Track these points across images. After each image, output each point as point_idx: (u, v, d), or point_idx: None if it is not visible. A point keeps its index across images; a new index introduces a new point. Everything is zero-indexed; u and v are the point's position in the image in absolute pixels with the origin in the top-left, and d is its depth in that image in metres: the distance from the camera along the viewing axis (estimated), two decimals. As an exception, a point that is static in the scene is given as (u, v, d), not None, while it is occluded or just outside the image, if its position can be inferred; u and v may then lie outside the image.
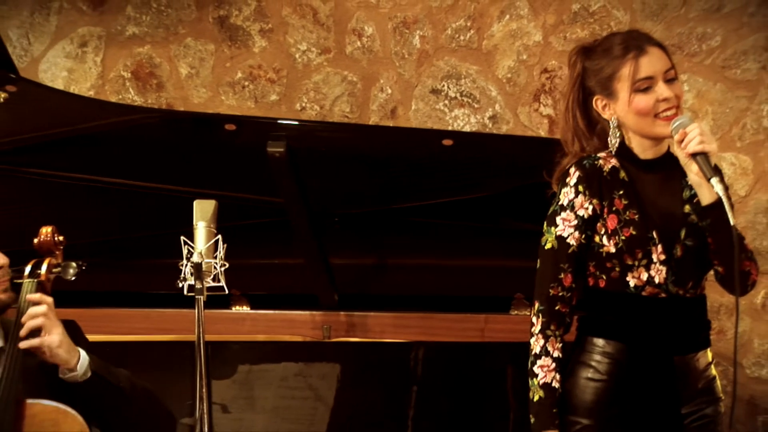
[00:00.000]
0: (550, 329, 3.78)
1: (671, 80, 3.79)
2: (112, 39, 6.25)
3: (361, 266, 5.33)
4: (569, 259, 3.78)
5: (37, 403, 3.60)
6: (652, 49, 3.81)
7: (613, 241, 3.77)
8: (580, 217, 3.80)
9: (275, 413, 4.80)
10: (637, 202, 3.78)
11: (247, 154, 4.88)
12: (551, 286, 3.79)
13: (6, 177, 5.19)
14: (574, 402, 3.85)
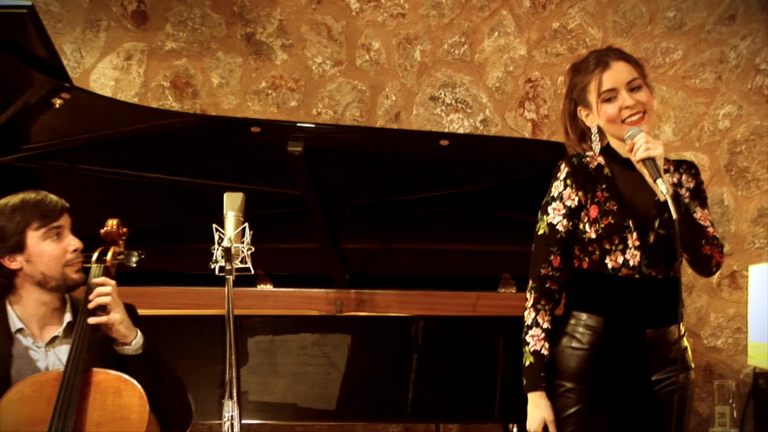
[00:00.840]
0: (540, 304, 3.83)
1: (635, 89, 3.80)
2: (154, 53, 6.26)
3: (369, 250, 5.34)
4: (558, 243, 3.82)
5: (102, 371, 3.59)
6: (616, 64, 3.83)
7: (594, 228, 3.79)
8: (568, 207, 3.83)
9: (294, 378, 4.80)
10: (617, 195, 3.80)
11: (270, 153, 4.90)
12: (542, 266, 3.84)
13: (61, 173, 5.21)
14: (559, 368, 3.87)
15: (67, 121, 5.01)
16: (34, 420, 3.46)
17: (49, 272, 3.64)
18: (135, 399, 3.54)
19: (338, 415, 4.96)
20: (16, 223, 3.63)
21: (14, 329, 3.66)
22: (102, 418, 3.49)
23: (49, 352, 3.68)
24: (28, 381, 3.56)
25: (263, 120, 5.47)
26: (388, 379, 4.83)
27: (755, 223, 5.96)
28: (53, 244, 3.64)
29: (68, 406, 3.46)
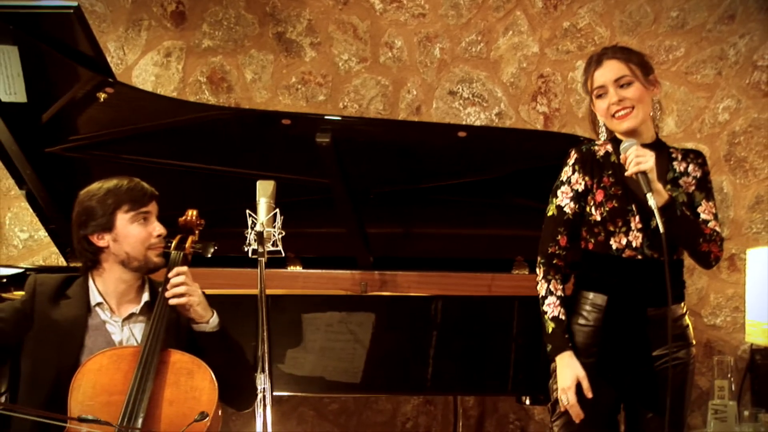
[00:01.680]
0: (550, 275, 3.89)
1: (625, 85, 3.84)
2: (191, 50, 6.25)
3: (392, 234, 5.32)
4: (565, 224, 3.86)
5: (177, 352, 3.62)
6: (608, 62, 3.87)
7: (599, 211, 3.81)
8: (575, 191, 3.86)
9: (322, 353, 4.79)
10: (622, 181, 3.80)
11: (300, 144, 4.89)
12: (550, 245, 3.90)
13: (105, 162, 5.21)
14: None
15: (111, 113, 5.01)
16: (110, 390, 3.48)
17: (132, 253, 3.68)
18: (206, 383, 3.56)
19: (363, 388, 4.96)
20: (108, 205, 3.68)
21: (94, 303, 3.70)
22: (174, 397, 3.50)
23: (124, 327, 3.71)
24: (107, 353, 3.59)
25: (293, 113, 5.44)
26: (409, 354, 4.82)
27: (752, 209, 5.95)
28: (140, 227, 3.69)
29: (145, 381, 3.48)
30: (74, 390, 3.48)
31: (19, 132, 5.10)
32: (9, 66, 4.85)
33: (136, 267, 3.70)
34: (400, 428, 6.22)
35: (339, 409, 6.22)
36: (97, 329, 3.68)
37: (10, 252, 6.33)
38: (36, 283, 3.72)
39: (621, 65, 3.83)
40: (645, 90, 3.83)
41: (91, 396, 3.48)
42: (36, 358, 3.61)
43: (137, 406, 3.44)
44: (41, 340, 3.63)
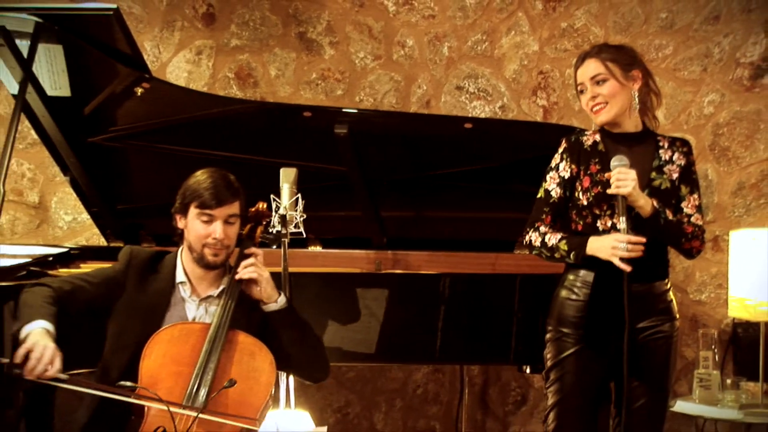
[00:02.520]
0: (538, 231, 3.94)
1: (600, 82, 3.87)
2: (221, 49, 6.26)
3: (404, 217, 5.33)
4: (550, 206, 3.91)
5: (242, 333, 3.62)
6: (587, 61, 3.90)
7: (586, 196, 3.82)
8: (562, 177, 3.88)
9: (339, 326, 4.79)
10: (608, 168, 3.80)
11: (320, 134, 4.90)
12: (536, 223, 3.97)
13: (141, 152, 5.23)
14: (559, 316, 3.90)
15: (147, 107, 5.03)
16: (178, 361, 3.49)
17: (193, 244, 3.70)
18: (266, 364, 3.58)
19: (377, 357, 4.96)
20: (191, 194, 3.69)
21: (178, 280, 3.73)
22: (236, 374, 3.49)
23: (200, 306, 3.73)
24: (178, 326, 3.61)
25: (313, 106, 5.45)
26: (420, 327, 4.83)
27: (735, 194, 5.95)
28: (202, 225, 3.67)
29: (211, 355, 3.50)
30: (145, 358, 3.49)
31: (64, 123, 5.12)
32: (55, 63, 4.87)
33: (195, 257, 3.71)
34: (411, 394, 6.24)
35: (355, 377, 6.24)
36: (176, 305, 3.71)
37: (55, 233, 6.36)
38: (131, 255, 3.75)
39: (598, 64, 3.86)
40: (620, 87, 3.84)
41: (160, 365, 3.49)
42: (122, 325, 3.64)
43: (203, 378, 3.46)
44: (129, 309, 3.66)
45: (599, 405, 4.01)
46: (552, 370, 3.94)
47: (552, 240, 3.89)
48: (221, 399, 3.44)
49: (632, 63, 3.89)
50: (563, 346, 3.90)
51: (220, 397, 3.43)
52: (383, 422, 6.26)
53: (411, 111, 6.13)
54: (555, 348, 3.93)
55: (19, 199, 6.38)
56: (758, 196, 5.95)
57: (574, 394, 3.86)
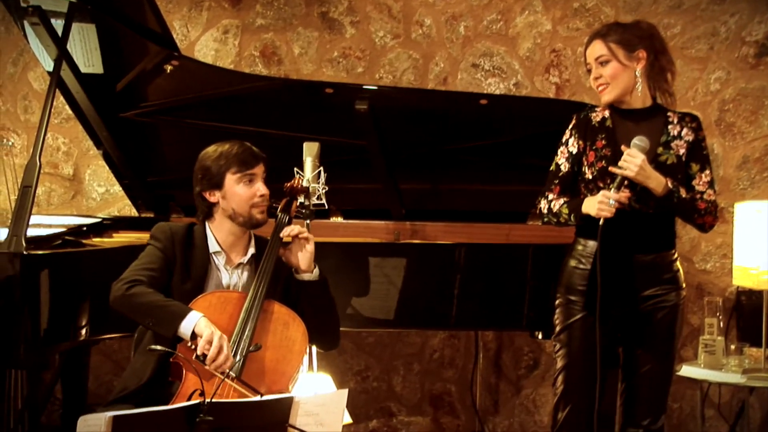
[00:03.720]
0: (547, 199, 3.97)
1: (603, 63, 3.87)
2: (246, 28, 6.25)
3: (422, 190, 5.33)
4: (559, 179, 3.94)
5: (276, 303, 3.63)
6: (594, 42, 3.91)
7: (591, 170, 3.83)
8: (570, 152, 3.90)
9: (360, 293, 4.81)
10: (612, 143, 3.80)
11: (341, 110, 4.90)
12: (546, 193, 3.97)
13: (171, 126, 5.24)
14: (567, 284, 3.91)
15: (176, 83, 5.04)
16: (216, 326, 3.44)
17: (238, 209, 3.69)
18: (299, 334, 3.59)
19: (395, 323, 4.99)
20: (219, 166, 3.69)
21: (212, 250, 3.73)
22: (271, 343, 3.52)
23: (233, 274, 3.74)
24: (215, 294, 3.61)
25: (335, 83, 5.44)
26: (437, 295, 4.84)
27: (740, 168, 5.93)
28: (245, 187, 3.69)
29: (247, 324, 3.51)
30: None
31: (97, 99, 5.14)
32: (88, 41, 4.88)
33: (241, 222, 3.70)
34: (428, 359, 6.26)
35: (375, 342, 6.26)
36: (212, 273, 3.72)
37: (89, 204, 6.38)
38: (171, 231, 3.74)
39: (602, 45, 3.86)
40: (622, 68, 3.84)
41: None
42: (177, 295, 3.62)
43: (239, 346, 3.46)
44: (178, 280, 3.66)
45: (608, 370, 4.01)
46: (560, 335, 3.95)
47: (556, 205, 3.93)
48: (257, 365, 3.46)
49: (637, 43, 3.86)
50: (571, 312, 3.91)
51: (255, 363, 3.45)
52: (401, 385, 6.28)
53: (428, 88, 6.12)
54: (563, 314, 3.94)
55: (54, 172, 6.41)
56: (762, 170, 5.94)
57: (581, 358, 3.87)
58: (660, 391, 3.93)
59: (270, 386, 3.45)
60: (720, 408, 5.86)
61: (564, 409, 3.94)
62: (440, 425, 6.24)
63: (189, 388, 3.38)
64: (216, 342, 3.35)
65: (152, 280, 3.58)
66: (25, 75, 6.44)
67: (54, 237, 4.82)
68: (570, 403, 3.93)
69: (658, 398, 3.93)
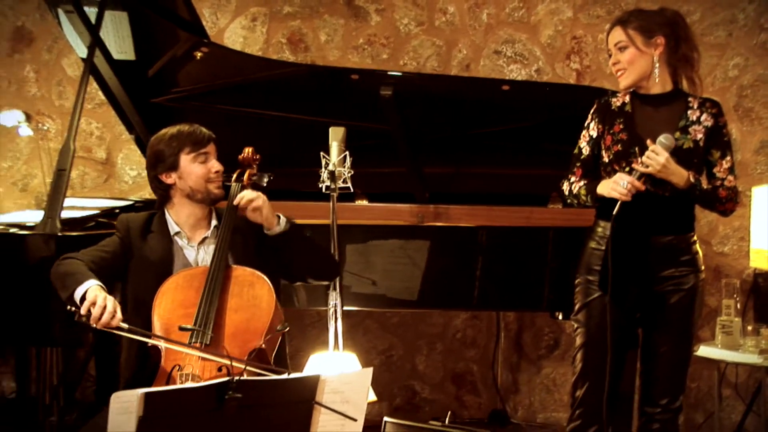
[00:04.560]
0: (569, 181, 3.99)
1: (621, 49, 3.88)
2: (274, 16, 6.25)
3: (445, 173, 5.32)
4: (581, 161, 3.97)
5: (240, 268, 3.66)
6: (614, 29, 3.92)
7: (607, 154, 3.84)
8: (591, 136, 3.90)
9: (384, 273, 4.82)
10: (630, 127, 3.80)
11: (366, 95, 4.89)
12: (570, 174, 4.00)
13: (200, 111, 5.24)
14: (586, 265, 3.93)
15: (206, 70, 5.05)
16: (186, 304, 3.54)
17: (195, 187, 3.73)
18: (264, 291, 3.60)
19: (418, 304, 4.99)
20: (173, 148, 3.73)
21: (173, 232, 3.77)
22: (238, 305, 3.55)
23: (199, 250, 3.77)
24: (181, 273, 3.66)
25: (361, 69, 5.44)
26: (459, 276, 4.84)
27: (758, 153, 5.90)
28: (200, 165, 3.73)
29: (212, 294, 3.54)
30: (156, 308, 3.56)
31: (129, 85, 5.15)
32: (120, 29, 4.90)
33: (200, 199, 3.75)
34: (451, 339, 6.26)
35: (398, 322, 6.26)
36: (178, 254, 3.76)
37: (121, 187, 6.41)
38: (128, 221, 3.80)
39: (620, 32, 3.85)
40: (639, 54, 3.83)
41: (170, 310, 3.54)
42: (137, 284, 3.70)
43: (207, 315, 3.49)
44: (140, 269, 3.72)
45: (627, 350, 4.00)
46: (579, 314, 3.95)
47: (576, 187, 3.94)
48: (230, 329, 3.50)
49: (656, 30, 3.84)
50: (589, 291, 3.91)
51: (228, 327, 3.50)
52: (424, 364, 6.28)
53: (452, 74, 6.11)
54: (582, 293, 3.94)
55: (88, 156, 6.43)
56: (780, 154, 5.93)
57: (598, 337, 3.86)
58: (678, 372, 3.92)
59: (246, 344, 3.47)
60: (737, 388, 5.85)
61: (582, 387, 3.94)
62: (462, 403, 6.25)
63: (167, 366, 3.43)
64: (99, 302, 3.36)
65: (96, 258, 3.65)
66: (59, 61, 6.46)
67: (87, 219, 4.84)
68: (588, 381, 3.92)
69: (676, 379, 3.92)
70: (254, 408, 2.89)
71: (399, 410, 6.19)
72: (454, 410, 5.83)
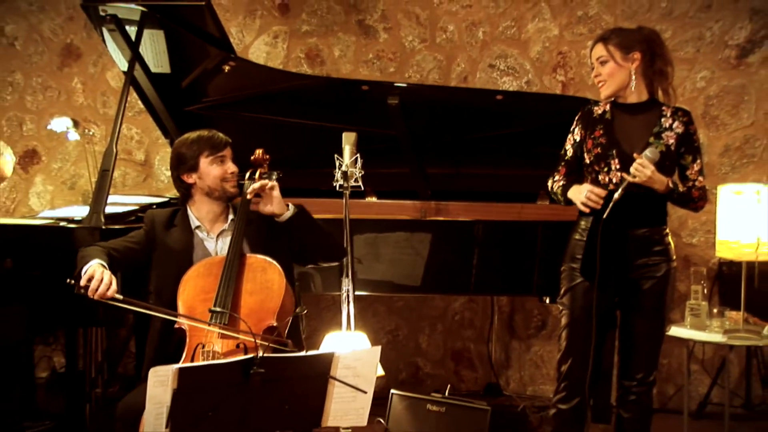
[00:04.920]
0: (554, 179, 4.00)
1: (602, 63, 3.88)
2: (293, 34, 6.25)
3: (445, 173, 5.30)
4: (565, 162, 3.98)
5: (253, 255, 3.66)
6: (596, 45, 3.93)
7: (588, 156, 3.84)
8: (575, 140, 3.90)
9: (391, 263, 4.81)
10: (609, 132, 3.80)
11: (375, 104, 4.88)
12: (554, 173, 4.01)
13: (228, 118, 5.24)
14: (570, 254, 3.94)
15: (233, 81, 5.04)
16: (206, 290, 3.55)
17: (213, 186, 3.75)
18: (276, 275, 3.60)
19: (421, 289, 4.98)
20: (193, 151, 3.75)
21: (194, 226, 3.78)
22: (253, 289, 3.56)
23: (218, 241, 3.77)
24: (201, 263, 3.67)
25: (370, 81, 5.43)
26: (457, 264, 4.83)
27: (722, 155, 5.88)
28: (217, 167, 3.74)
29: (229, 279, 3.54)
30: (180, 294, 3.57)
31: (165, 95, 5.15)
32: (157, 45, 4.89)
33: (217, 196, 3.76)
34: (450, 320, 6.25)
35: (403, 306, 6.26)
36: (198, 246, 3.76)
37: (158, 185, 6.41)
38: (153, 216, 3.83)
39: (601, 47, 3.85)
40: (618, 67, 3.82)
41: (192, 296, 3.56)
42: (160, 273, 3.73)
43: (225, 297, 3.50)
44: (164, 258, 3.74)
45: (606, 329, 4.00)
46: (563, 297, 3.94)
47: (556, 186, 3.96)
48: (246, 309, 3.50)
49: (634, 46, 3.83)
50: (573, 277, 3.90)
51: (244, 308, 3.51)
52: (427, 342, 6.27)
53: (451, 85, 6.09)
54: (567, 279, 3.93)
55: (128, 158, 6.44)
56: (741, 157, 5.89)
57: (582, 317, 3.85)
58: (652, 350, 3.91)
59: (260, 322, 3.47)
60: (704, 363, 5.84)
61: (566, 362, 3.92)
62: (460, 377, 6.24)
63: (192, 344, 3.45)
64: (96, 276, 3.41)
65: (120, 247, 3.70)
66: (103, 74, 6.46)
67: (128, 214, 4.84)
68: (572, 357, 3.91)
69: (650, 356, 3.91)
70: (276, 381, 2.89)
71: (404, 384, 6.18)
72: (453, 384, 5.82)
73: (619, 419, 3.97)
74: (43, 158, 6.59)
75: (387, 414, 4.44)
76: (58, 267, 4.22)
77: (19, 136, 6.59)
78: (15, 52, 6.56)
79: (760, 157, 5.88)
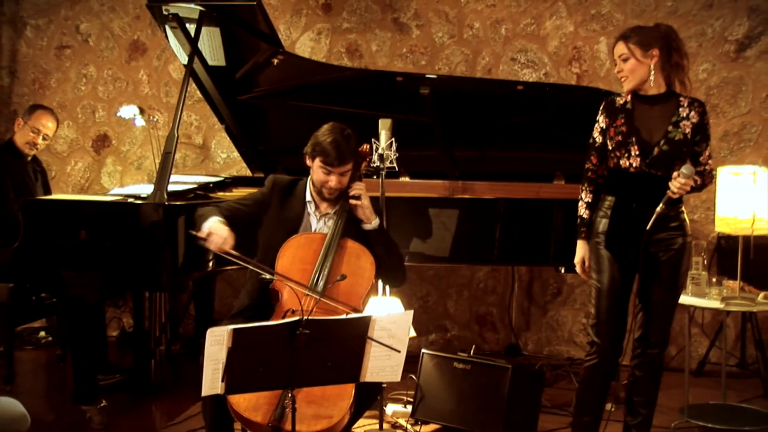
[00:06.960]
0: (584, 186, 3.91)
1: (624, 60, 3.79)
2: (335, 30, 6.22)
3: (472, 156, 5.27)
4: (595, 149, 3.88)
5: (350, 240, 3.64)
6: (618, 43, 3.84)
7: (611, 143, 3.77)
8: (600, 128, 3.84)
9: (422, 236, 4.80)
10: (629, 121, 3.74)
11: (408, 94, 4.88)
12: (587, 162, 3.91)
13: (278, 106, 5.24)
14: (596, 229, 3.87)
15: (281, 73, 5.04)
16: (304, 260, 3.54)
17: (315, 183, 3.70)
18: (368, 263, 3.60)
19: (449, 259, 4.96)
20: (314, 149, 3.65)
21: (307, 199, 3.74)
22: (346, 271, 3.53)
23: (321, 220, 3.73)
24: (303, 235, 3.65)
25: (404, 72, 5.40)
26: (482, 237, 4.81)
27: (721, 140, 5.81)
28: (322, 174, 3.65)
29: (327, 257, 3.54)
30: (280, 258, 3.55)
31: (221, 85, 5.15)
32: (214, 41, 4.89)
33: (315, 190, 3.71)
34: (475, 287, 6.23)
35: (433, 274, 6.25)
36: (305, 218, 3.73)
37: (215, 166, 6.43)
38: (275, 181, 3.78)
39: (622, 45, 3.76)
40: (638, 63, 3.73)
41: (290, 263, 3.54)
42: (270, 233, 3.68)
43: (322, 273, 3.50)
44: (274, 221, 3.70)
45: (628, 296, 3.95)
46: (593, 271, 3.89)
47: (580, 209, 3.91)
48: (334, 289, 3.47)
49: (652, 43, 3.75)
50: (599, 252, 3.86)
51: (333, 287, 3.47)
52: (454, 307, 6.26)
53: (477, 76, 6.05)
54: (594, 252, 3.88)
55: (188, 142, 6.46)
56: (739, 142, 5.82)
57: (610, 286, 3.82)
58: (667, 315, 3.87)
59: (346, 303, 3.46)
60: (703, 327, 5.81)
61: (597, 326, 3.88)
62: (484, 339, 6.23)
63: (284, 307, 3.45)
64: (216, 230, 3.43)
65: (231, 208, 3.68)
66: (166, 67, 6.48)
67: (188, 191, 4.87)
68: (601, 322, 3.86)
69: (665, 321, 3.86)
70: (319, 341, 2.89)
71: (433, 344, 6.19)
72: (477, 344, 5.80)
73: (633, 377, 3.93)
74: (113, 142, 6.63)
75: (418, 371, 4.44)
76: (126, 238, 4.25)
77: (92, 122, 6.65)
78: (89, 47, 6.61)
79: (756, 142, 5.81)
